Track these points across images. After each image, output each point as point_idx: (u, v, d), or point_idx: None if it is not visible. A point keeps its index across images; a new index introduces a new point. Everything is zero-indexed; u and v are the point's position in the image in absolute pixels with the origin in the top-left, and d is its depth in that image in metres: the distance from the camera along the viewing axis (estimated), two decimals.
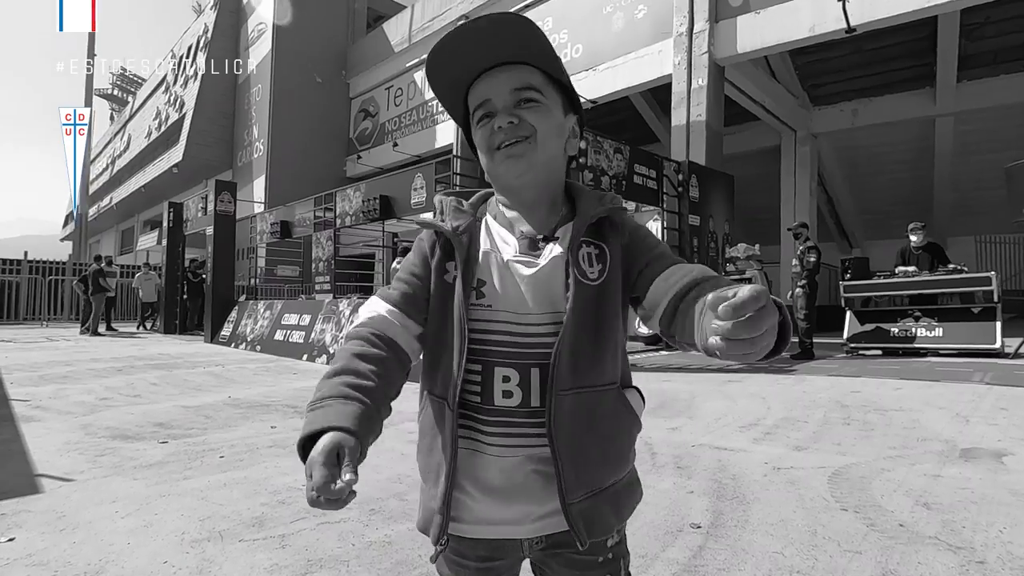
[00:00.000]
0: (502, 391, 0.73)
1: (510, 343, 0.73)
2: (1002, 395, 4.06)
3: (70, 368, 6.23)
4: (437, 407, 0.76)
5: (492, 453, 0.73)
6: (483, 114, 0.77)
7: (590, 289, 0.74)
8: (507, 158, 0.75)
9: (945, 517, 1.93)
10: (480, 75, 0.77)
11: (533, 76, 0.76)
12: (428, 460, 0.77)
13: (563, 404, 0.71)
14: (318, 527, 1.92)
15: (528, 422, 0.73)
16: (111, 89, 45.12)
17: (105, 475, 2.52)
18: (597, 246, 0.77)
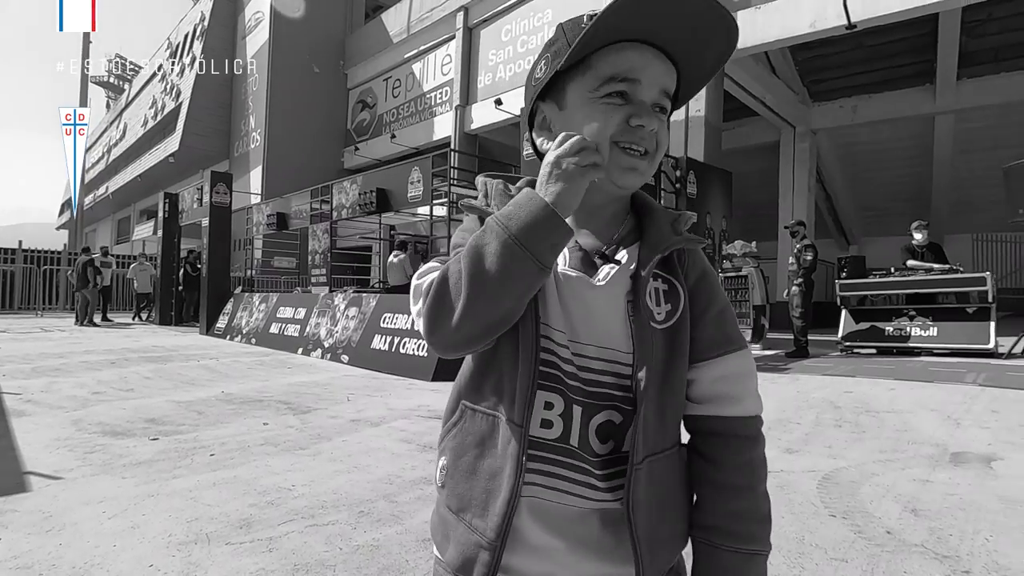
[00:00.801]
0: (542, 419, 0.63)
1: (560, 368, 0.63)
2: (994, 397, 4.07)
3: (63, 360, 6.21)
4: (489, 423, 0.65)
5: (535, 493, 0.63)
6: (619, 90, 0.63)
7: (658, 334, 0.64)
8: (630, 169, 0.63)
9: (932, 524, 1.93)
10: (626, 42, 0.63)
11: (674, 83, 0.66)
12: (470, 484, 0.65)
13: (640, 478, 0.62)
14: (305, 530, 1.92)
15: (567, 463, 0.63)
16: (107, 77, 44.77)
17: (94, 473, 2.51)
18: (666, 280, 0.66)
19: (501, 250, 0.55)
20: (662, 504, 0.64)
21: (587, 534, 0.63)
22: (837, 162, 16.15)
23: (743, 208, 14.74)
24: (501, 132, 14.37)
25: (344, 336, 6.82)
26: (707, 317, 0.67)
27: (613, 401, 0.63)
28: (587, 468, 0.63)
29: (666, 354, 0.64)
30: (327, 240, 9.31)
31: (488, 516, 0.63)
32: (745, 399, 0.67)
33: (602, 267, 0.64)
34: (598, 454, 0.63)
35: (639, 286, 0.63)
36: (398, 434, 3.24)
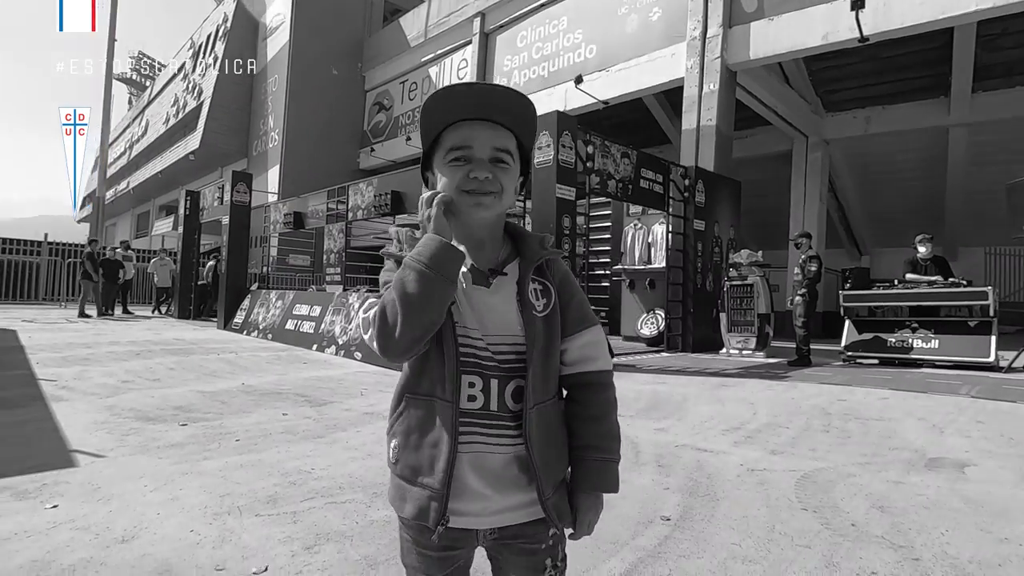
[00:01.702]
0: (468, 395, 0.85)
1: (473, 355, 0.86)
2: (982, 408, 4.20)
3: (90, 351, 6.52)
4: (426, 405, 0.87)
5: (473, 449, 0.85)
6: (460, 156, 0.86)
7: (539, 320, 0.89)
8: (476, 205, 0.86)
9: (895, 520, 2.11)
10: (464, 121, 0.87)
11: (510, 142, 0.89)
12: (417, 456, 0.86)
13: (532, 417, 0.86)
14: (325, 506, 2.14)
15: (488, 423, 0.86)
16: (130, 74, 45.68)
17: (132, 453, 2.75)
18: (541, 283, 0.91)
19: (419, 277, 0.78)
20: (549, 437, 0.89)
21: (508, 474, 0.86)
22: (849, 172, 16.16)
23: (754, 216, 14.84)
24: None
25: (357, 334, 7.06)
26: (571, 305, 0.93)
27: (519, 372, 0.87)
28: (504, 423, 0.86)
29: (545, 334, 0.88)
30: (342, 240, 9.59)
31: (435, 473, 0.84)
32: (599, 359, 0.94)
33: (494, 279, 0.89)
34: (511, 410, 0.87)
35: (523, 288, 0.87)
36: None
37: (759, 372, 6.27)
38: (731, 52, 10.14)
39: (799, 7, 9.46)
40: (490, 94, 0.88)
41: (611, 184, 7.46)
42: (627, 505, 2.20)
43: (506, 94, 0.88)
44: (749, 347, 7.99)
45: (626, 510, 2.15)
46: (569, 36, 13.26)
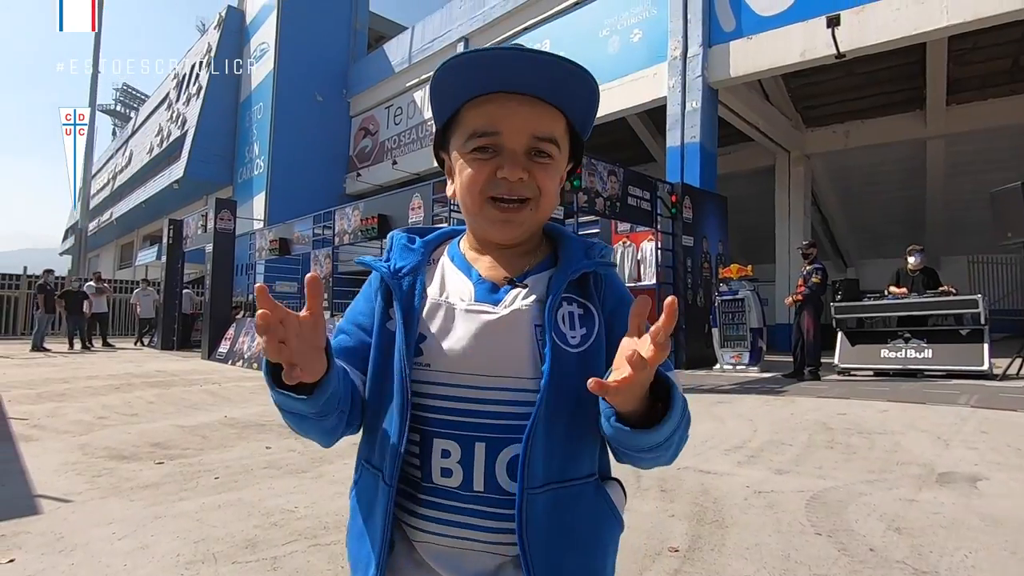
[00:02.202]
0: (441, 468, 0.62)
1: (449, 410, 0.62)
2: (985, 418, 4.13)
3: (67, 386, 6.28)
4: (371, 481, 0.65)
5: (425, 540, 0.63)
6: (484, 145, 0.64)
7: (571, 357, 0.62)
8: (504, 222, 0.65)
9: (915, 542, 2.00)
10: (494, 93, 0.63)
11: (558, 124, 0.65)
12: (358, 549, 0.65)
13: (536, 506, 0.59)
14: (308, 549, 1.98)
15: (472, 509, 0.61)
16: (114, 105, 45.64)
17: (102, 496, 2.58)
18: (582, 305, 0.66)
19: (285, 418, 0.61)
20: (568, 542, 0.61)
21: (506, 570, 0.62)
22: (832, 186, 16.38)
23: (740, 231, 14.95)
24: None
25: None
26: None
27: (519, 433, 0.60)
28: (498, 512, 0.61)
29: (579, 379, 0.58)
30: (329, 265, 9.45)
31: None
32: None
33: (507, 293, 0.65)
34: (508, 493, 0.60)
35: (549, 309, 0.62)
36: None
37: (755, 387, 6.18)
38: (712, 70, 10.28)
39: (777, 26, 9.65)
40: (530, 62, 0.61)
41: (599, 202, 7.43)
42: (633, 536, 2.07)
43: (553, 59, 0.61)
44: (743, 362, 7.92)
45: (632, 541, 2.02)
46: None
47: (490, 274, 0.67)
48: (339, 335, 0.71)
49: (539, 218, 0.67)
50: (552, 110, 0.64)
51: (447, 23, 16.10)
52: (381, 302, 0.68)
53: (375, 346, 0.67)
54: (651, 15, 11.37)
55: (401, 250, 0.70)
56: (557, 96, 0.64)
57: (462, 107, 0.65)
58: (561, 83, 0.63)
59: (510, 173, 0.62)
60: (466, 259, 0.70)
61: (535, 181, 0.64)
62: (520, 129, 0.63)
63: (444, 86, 0.65)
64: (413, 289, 0.66)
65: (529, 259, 0.69)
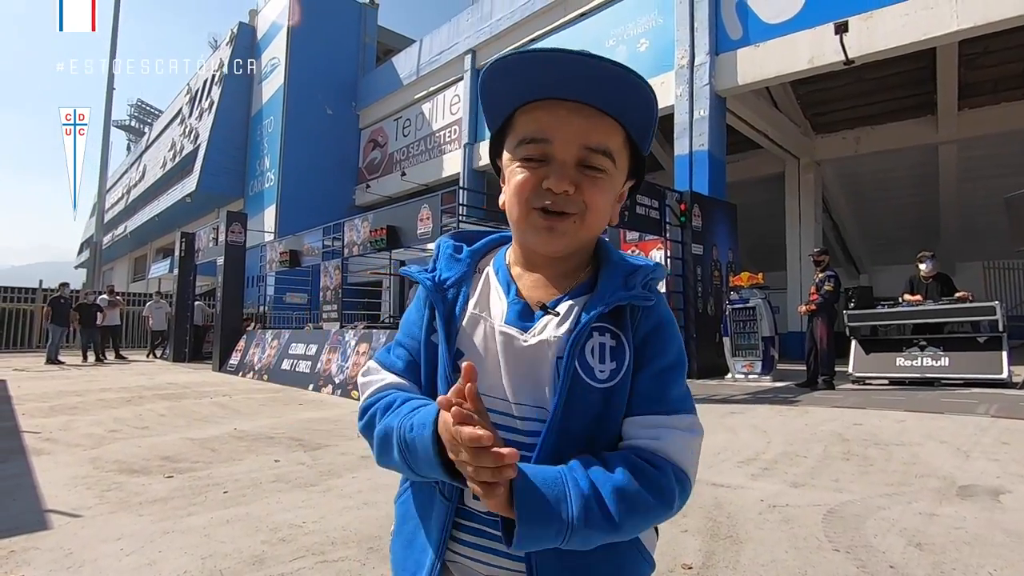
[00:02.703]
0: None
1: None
2: (1006, 428, 4.04)
3: (80, 399, 6.33)
4: (427, 494, 0.65)
5: (458, 560, 0.63)
6: (534, 154, 0.61)
7: (595, 393, 0.59)
8: (547, 231, 0.62)
9: (936, 559, 1.94)
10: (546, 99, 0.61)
11: (614, 136, 0.62)
12: (406, 555, 0.66)
13: (547, 555, 0.57)
14: (316, 566, 1.96)
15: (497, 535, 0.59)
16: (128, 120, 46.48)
17: (112, 511, 2.57)
18: (614, 335, 0.62)
19: (399, 464, 0.60)
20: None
21: None
22: (842, 192, 16.26)
23: (751, 238, 14.85)
24: None
25: (355, 372, 6.89)
26: (647, 372, 0.62)
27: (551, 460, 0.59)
28: None
29: (598, 416, 0.60)
30: (338, 276, 9.49)
31: None
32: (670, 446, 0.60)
33: (539, 320, 0.62)
34: None
35: (576, 340, 0.59)
36: None
37: (768, 397, 6.09)
38: (719, 79, 10.27)
39: (784, 33, 9.63)
40: (585, 68, 0.57)
41: None
42: None
43: (613, 69, 0.57)
44: (755, 371, 7.82)
45: None
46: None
47: (529, 295, 0.65)
48: (398, 349, 0.71)
49: (585, 234, 0.63)
50: (608, 120, 0.61)
51: (454, 36, 16.26)
52: (428, 313, 0.67)
53: (423, 358, 0.67)
54: (657, 24, 11.40)
55: (447, 260, 0.69)
56: (611, 104, 0.60)
57: (515, 112, 0.63)
58: (615, 90, 0.59)
59: (555, 184, 0.60)
60: (510, 274, 0.68)
61: (582, 196, 0.61)
62: (571, 139, 0.60)
63: (493, 89, 0.63)
64: (456, 301, 0.65)
65: (571, 280, 0.66)
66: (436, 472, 0.56)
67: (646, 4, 11.65)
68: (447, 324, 0.64)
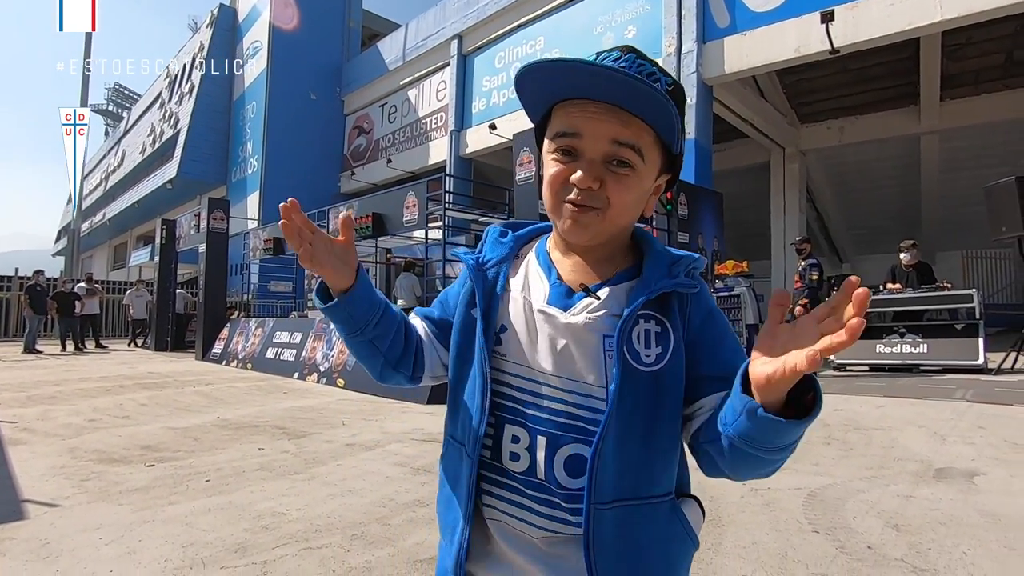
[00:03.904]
0: (510, 452, 0.66)
1: (520, 400, 0.66)
2: (981, 413, 4.13)
3: (58, 388, 6.22)
4: (456, 454, 0.70)
5: (493, 516, 0.68)
6: (565, 146, 0.65)
7: (644, 377, 0.62)
8: (572, 222, 0.65)
9: (912, 539, 1.98)
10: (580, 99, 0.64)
11: (643, 134, 0.64)
12: (446, 514, 0.72)
13: (604, 523, 0.61)
14: (299, 553, 1.95)
15: (532, 495, 0.65)
16: (106, 105, 45.35)
17: (90, 500, 2.53)
18: (659, 322, 0.65)
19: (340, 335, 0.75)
20: (637, 561, 0.62)
21: (563, 557, 0.64)
22: (826, 182, 16.42)
23: (736, 227, 14.94)
24: (495, 156, 14.61)
25: (340, 360, 6.85)
26: (716, 356, 0.65)
27: (585, 435, 0.62)
28: (555, 501, 0.63)
29: (652, 398, 0.63)
30: None
31: (452, 544, 0.68)
32: None
33: (579, 301, 0.66)
34: (565, 487, 0.63)
35: (623, 325, 0.62)
36: (392, 458, 3.28)
37: None
38: (706, 67, 10.26)
39: (771, 21, 9.63)
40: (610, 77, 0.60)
41: None
42: None
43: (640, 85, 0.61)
44: None
45: None
46: (547, 55, 13.35)
47: (569, 278, 0.69)
48: (438, 307, 0.81)
49: (608, 227, 0.66)
50: (637, 121, 0.63)
51: (440, 20, 16.03)
52: (470, 287, 0.73)
53: (458, 328, 0.73)
54: (645, 11, 11.34)
55: (493, 243, 0.74)
56: (640, 108, 0.63)
57: (553, 107, 0.67)
58: (642, 97, 0.62)
59: (579, 180, 0.63)
60: (550, 258, 0.72)
61: (606, 192, 0.64)
62: (601, 134, 0.63)
63: (526, 89, 0.67)
64: (496, 281, 0.71)
65: (610, 266, 0.69)
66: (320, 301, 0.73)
67: None
68: (487, 300, 0.69)
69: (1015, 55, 11.98)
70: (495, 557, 0.68)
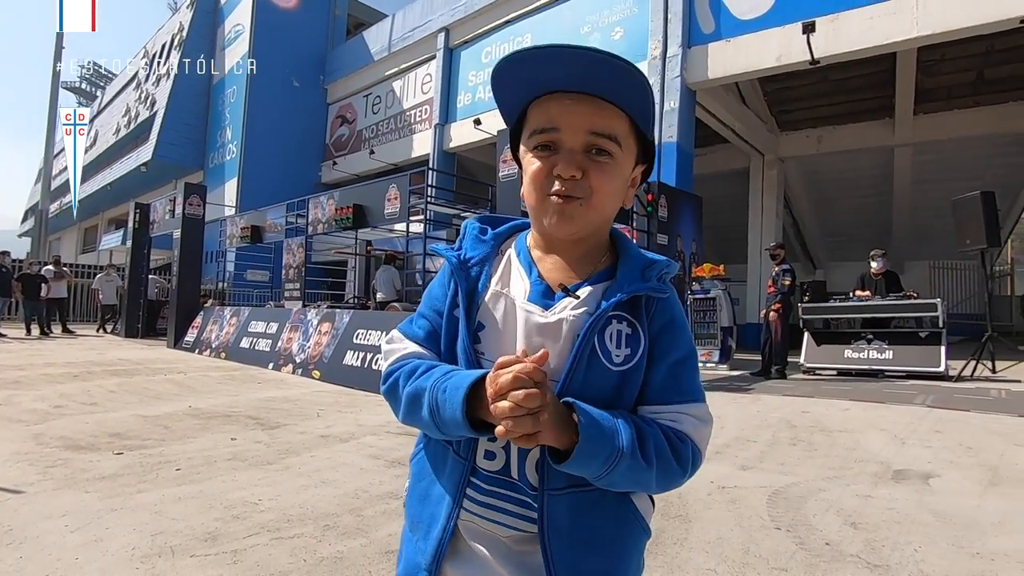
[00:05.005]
0: (486, 450, 0.68)
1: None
2: (939, 418, 4.29)
3: (23, 373, 6.06)
4: (440, 452, 0.71)
5: (473, 520, 0.69)
6: (544, 142, 0.66)
7: (612, 376, 0.65)
8: (557, 214, 0.66)
9: (869, 536, 2.06)
10: (555, 92, 0.65)
11: (619, 122, 0.66)
12: (421, 509, 0.72)
13: (558, 506, 0.64)
14: (271, 542, 1.95)
15: (504, 494, 0.67)
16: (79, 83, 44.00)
17: (55, 487, 2.49)
18: (631, 324, 0.67)
19: (426, 421, 0.66)
20: (590, 543, 0.65)
21: (528, 554, 0.66)
22: (803, 189, 16.75)
23: (715, 230, 15.19)
24: (479, 151, 14.57)
25: (316, 352, 6.80)
26: (663, 364, 0.67)
27: None
28: (526, 500, 0.66)
29: (615, 394, 0.65)
30: (302, 254, 9.29)
31: (429, 540, 0.69)
32: (689, 427, 0.67)
33: (560, 300, 0.67)
34: (535, 487, 0.65)
35: (593, 325, 0.64)
36: (367, 450, 3.28)
37: (723, 385, 6.30)
38: (690, 71, 10.39)
39: (755, 29, 9.79)
40: (587, 59, 0.61)
41: None
42: None
43: (610, 59, 0.61)
44: (713, 360, 8.06)
45: None
46: None
47: (549, 276, 0.70)
48: (420, 320, 0.77)
49: (594, 216, 0.67)
50: (612, 108, 0.65)
51: (428, 12, 15.91)
52: (452, 288, 0.72)
53: (444, 330, 0.72)
54: (632, 13, 11.42)
55: (473, 240, 0.74)
56: (612, 92, 0.64)
57: (528, 107, 0.68)
58: (613, 79, 0.63)
59: (563, 170, 0.64)
60: (531, 256, 0.72)
61: (589, 181, 0.65)
62: (578, 126, 0.65)
63: (504, 86, 0.68)
64: (479, 280, 0.71)
65: (589, 266, 0.70)
66: (461, 429, 0.62)
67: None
68: (469, 299, 0.69)
69: (986, 74, 12.38)
70: (462, 554, 0.69)
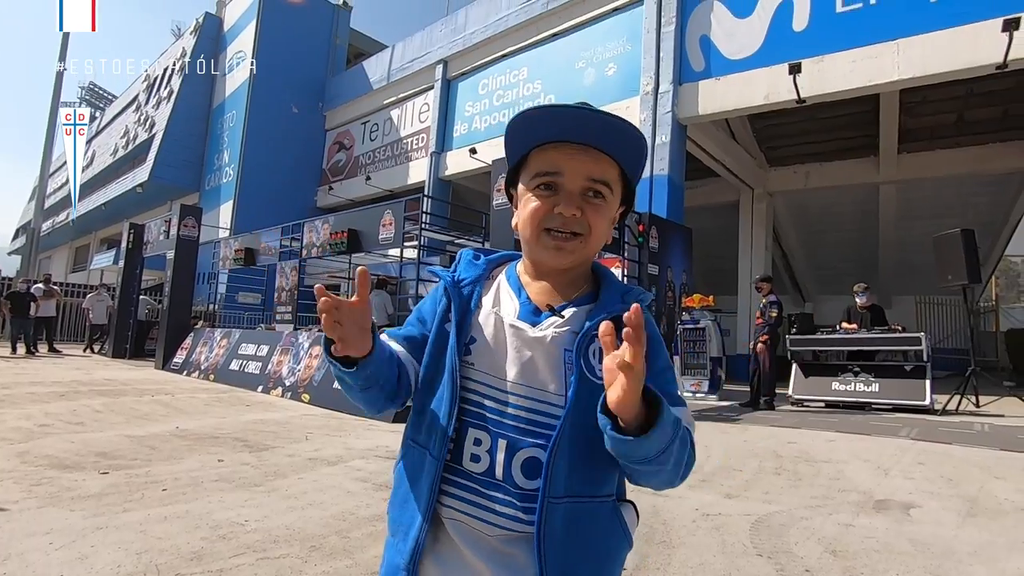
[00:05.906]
0: (471, 454, 0.72)
1: (484, 405, 0.73)
2: (922, 450, 4.34)
3: (7, 392, 5.99)
4: (418, 456, 0.75)
5: (451, 516, 0.73)
6: (546, 183, 0.74)
7: (596, 388, 0.68)
8: (556, 249, 0.74)
9: (847, 564, 2.10)
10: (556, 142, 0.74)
11: (611, 170, 0.75)
12: (401, 512, 0.76)
13: (555, 516, 0.68)
14: (257, 562, 1.96)
15: (490, 495, 0.71)
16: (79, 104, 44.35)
17: (40, 505, 2.48)
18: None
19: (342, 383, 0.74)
20: (583, 551, 0.69)
21: (513, 555, 0.70)
22: (792, 223, 17.06)
23: (705, 262, 15.37)
24: (474, 179, 14.79)
25: (307, 375, 6.78)
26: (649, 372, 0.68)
27: (541, 439, 0.70)
28: (512, 501, 0.70)
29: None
30: (295, 277, 9.32)
31: (407, 540, 0.73)
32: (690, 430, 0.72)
33: (546, 319, 0.74)
34: (521, 488, 0.70)
35: (581, 343, 0.71)
36: (355, 473, 3.28)
37: (712, 415, 6.33)
38: (681, 107, 10.69)
39: (743, 69, 10.13)
40: (589, 119, 0.72)
41: None
42: None
43: (610, 120, 0.72)
44: (702, 390, 8.10)
45: None
46: (529, 86, 13.72)
47: (537, 298, 0.77)
48: (407, 325, 0.84)
49: (588, 251, 0.76)
50: (607, 158, 0.74)
51: (427, 45, 16.33)
52: (445, 303, 0.79)
53: (432, 340, 0.78)
54: (626, 51, 11.79)
55: (467, 264, 0.82)
56: (611, 147, 0.74)
57: (531, 151, 0.76)
58: (614, 136, 0.73)
59: (565, 209, 0.73)
60: (520, 281, 0.80)
61: (586, 219, 0.74)
62: (578, 172, 0.73)
63: (517, 133, 0.76)
64: (471, 298, 0.78)
65: (573, 290, 0.78)
66: (336, 369, 0.71)
67: (616, 30, 12.04)
68: (460, 315, 0.76)
69: (966, 115, 12.82)
70: (445, 554, 0.73)
